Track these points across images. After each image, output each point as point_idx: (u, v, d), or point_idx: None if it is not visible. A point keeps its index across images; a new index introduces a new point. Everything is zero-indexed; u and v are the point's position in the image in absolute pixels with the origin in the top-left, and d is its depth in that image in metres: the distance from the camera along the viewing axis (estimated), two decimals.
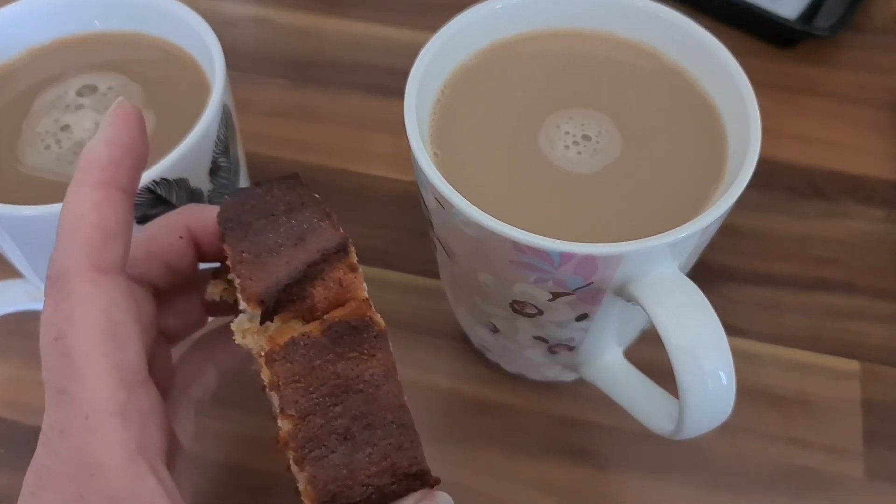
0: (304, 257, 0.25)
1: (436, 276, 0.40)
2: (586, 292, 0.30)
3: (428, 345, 0.44)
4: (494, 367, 0.43)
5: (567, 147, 0.33)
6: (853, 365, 0.43)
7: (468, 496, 0.39)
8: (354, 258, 0.26)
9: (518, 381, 0.42)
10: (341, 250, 0.25)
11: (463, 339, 0.44)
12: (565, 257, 0.28)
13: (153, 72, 0.38)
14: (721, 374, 0.28)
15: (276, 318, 0.25)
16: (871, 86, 0.55)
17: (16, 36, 0.39)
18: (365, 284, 0.25)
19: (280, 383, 0.24)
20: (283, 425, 0.24)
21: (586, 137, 0.33)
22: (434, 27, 0.35)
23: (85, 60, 0.39)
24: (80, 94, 0.37)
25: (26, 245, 0.34)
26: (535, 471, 0.40)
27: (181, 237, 0.28)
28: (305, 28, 0.59)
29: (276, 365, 0.24)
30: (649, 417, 0.34)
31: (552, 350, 0.36)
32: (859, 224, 0.48)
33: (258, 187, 0.27)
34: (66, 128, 0.36)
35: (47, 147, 0.35)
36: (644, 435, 0.35)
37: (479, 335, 0.39)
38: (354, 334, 0.24)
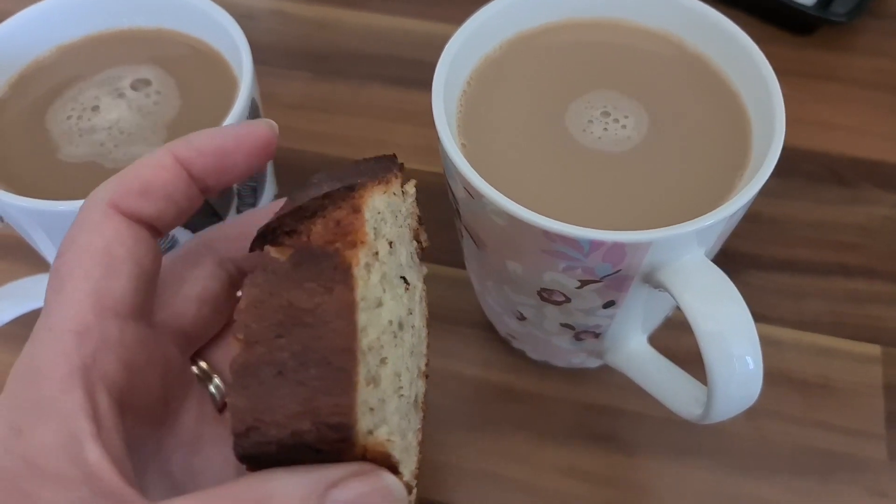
0: (312, 193, 0.24)
1: (461, 265, 0.41)
2: (614, 279, 0.30)
3: (454, 334, 0.44)
4: (520, 355, 0.43)
5: (593, 130, 0.33)
6: (875, 349, 0.43)
7: (497, 482, 0.40)
8: (363, 200, 0.24)
9: (544, 368, 0.43)
10: (349, 189, 0.24)
11: (489, 328, 0.44)
12: (595, 245, 0.28)
13: (181, 67, 0.39)
14: (748, 358, 0.28)
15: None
16: (889, 71, 0.55)
17: (45, 33, 0.39)
18: (369, 230, 0.24)
19: (242, 307, 0.22)
20: (234, 350, 0.22)
21: (611, 118, 0.34)
22: (453, 18, 0.35)
23: (113, 57, 0.39)
24: (107, 90, 0.38)
25: (60, 240, 0.34)
26: (562, 457, 0.40)
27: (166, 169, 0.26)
28: (324, 20, 0.59)
29: (246, 289, 0.23)
30: (675, 402, 0.34)
31: (578, 337, 0.36)
32: (879, 209, 0.48)
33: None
34: (93, 123, 0.36)
35: (77, 140, 0.36)
36: (669, 420, 0.35)
37: (506, 323, 0.40)
38: (314, 263, 0.22)
